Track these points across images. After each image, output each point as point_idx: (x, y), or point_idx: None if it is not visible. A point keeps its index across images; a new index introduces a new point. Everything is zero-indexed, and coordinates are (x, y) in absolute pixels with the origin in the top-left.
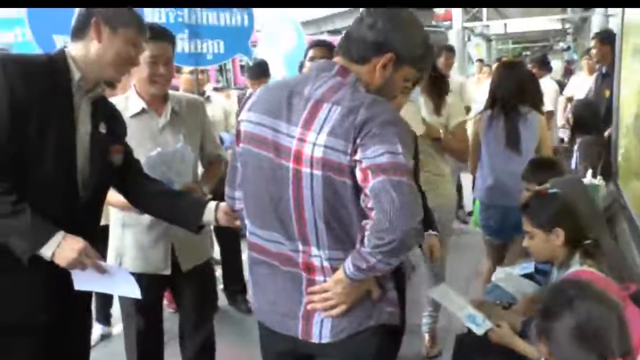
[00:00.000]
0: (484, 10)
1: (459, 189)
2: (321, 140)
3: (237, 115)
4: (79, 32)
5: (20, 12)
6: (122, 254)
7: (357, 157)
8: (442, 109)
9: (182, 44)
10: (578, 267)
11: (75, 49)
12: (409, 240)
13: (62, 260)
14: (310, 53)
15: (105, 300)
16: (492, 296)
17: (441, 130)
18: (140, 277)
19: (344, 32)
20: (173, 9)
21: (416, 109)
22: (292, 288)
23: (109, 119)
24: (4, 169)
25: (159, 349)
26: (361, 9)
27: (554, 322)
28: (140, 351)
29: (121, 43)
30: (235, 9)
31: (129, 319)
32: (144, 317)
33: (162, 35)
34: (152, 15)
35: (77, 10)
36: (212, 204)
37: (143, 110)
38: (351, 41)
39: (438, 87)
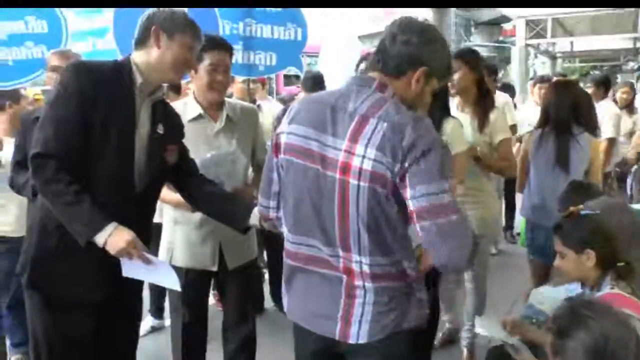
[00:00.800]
0: (548, 27)
1: (512, 208)
2: (370, 154)
3: (275, 127)
4: (141, 41)
5: (94, 24)
6: (173, 249)
7: (406, 193)
8: (486, 127)
9: (236, 55)
10: (608, 290)
11: (138, 57)
12: (457, 266)
13: (112, 248)
14: (362, 66)
15: (159, 293)
16: (527, 314)
17: (484, 148)
18: (187, 272)
19: None
20: (228, 22)
21: (460, 125)
22: (330, 291)
23: (167, 121)
24: (69, 162)
25: (202, 342)
26: (389, 26)
27: (567, 341)
28: (184, 341)
29: (178, 48)
30: (289, 24)
31: (176, 311)
32: (190, 309)
33: (221, 45)
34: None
35: (139, 22)
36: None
37: (200, 116)
38: (387, 57)
39: (484, 104)
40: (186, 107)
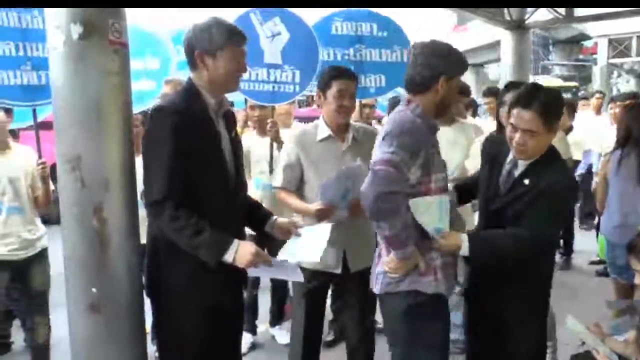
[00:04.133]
0: (633, 45)
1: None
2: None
3: None
4: (191, 65)
5: None
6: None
7: None
8: None
9: None
10: None
11: (196, 79)
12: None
13: (240, 262)
14: None
15: (253, 312)
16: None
17: None
18: (312, 271)
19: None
20: (340, 49)
21: (563, 136)
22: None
23: (233, 126)
24: (180, 198)
25: (319, 334)
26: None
27: None
28: (305, 331)
29: (225, 63)
30: (395, 46)
31: (299, 304)
32: (309, 302)
33: (347, 73)
34: (322, 54)
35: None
36: (273, 219)
37: (329, 136)
38: (414, 79)
39: None
40: (317, 129)
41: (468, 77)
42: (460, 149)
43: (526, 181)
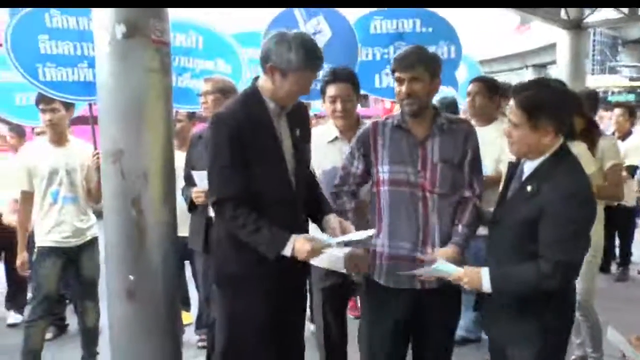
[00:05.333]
0: None
1: (623, 236)
2: None
3: None
4: (262, 69)
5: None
6: None
7: None
8: (595, 154)
9: (387, 79)
10: None
11: (262, 81)
12: None
13: (299, 255)
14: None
15: None
16: None
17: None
18: (327, 273)
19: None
20: (379, 48)
21: (586, 148)
22: None
23: (299, 123)
24: (241, 196)
25: (343, 335)
26: None
27: None
28: (327, 336)
29: (291, 85)
30: (441, 42)
31: (317, 303)
32: (328, 300)
33: (341, 77)
34: (361, 54)
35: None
36: (326, 218)
37: (336, 138)
38: None
39: (591, 134)
40: (326, 130)
41: (530, 78)
42: (495, 148)
43: (529, 187)
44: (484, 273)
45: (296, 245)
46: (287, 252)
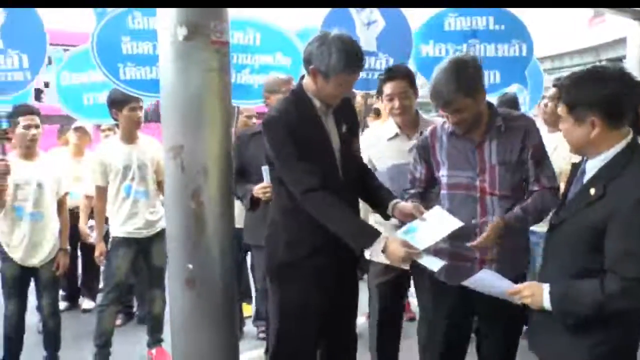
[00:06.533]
0: None
1: None
2: None
3: None
4: (306, 70)
5: None
6: None
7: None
8: None
9: None
10: None
11: (306, 82)
12: None
13: (392, 260)
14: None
15: None
16: None
17: None
18: (386, 267)
19: (624, 60)
20: (452, 44)
21: None
22: None
23: (347, 118)
24: (324, 184)
25: (398, 328)
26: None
27: None
28: (380, 330)
29: (333, 87)
30: (513, 40)
31: (373, 298)
32: (383, 296)
33: (395, 75)
34: (434, 50)
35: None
36: (393, 202)
37: (396, 135)
38: None
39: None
40: (385, 127)
41: None
42: (562, 154)
43: (592, 190)
44: (545, 288)
45: (390, 247)
46: (375, 249)
